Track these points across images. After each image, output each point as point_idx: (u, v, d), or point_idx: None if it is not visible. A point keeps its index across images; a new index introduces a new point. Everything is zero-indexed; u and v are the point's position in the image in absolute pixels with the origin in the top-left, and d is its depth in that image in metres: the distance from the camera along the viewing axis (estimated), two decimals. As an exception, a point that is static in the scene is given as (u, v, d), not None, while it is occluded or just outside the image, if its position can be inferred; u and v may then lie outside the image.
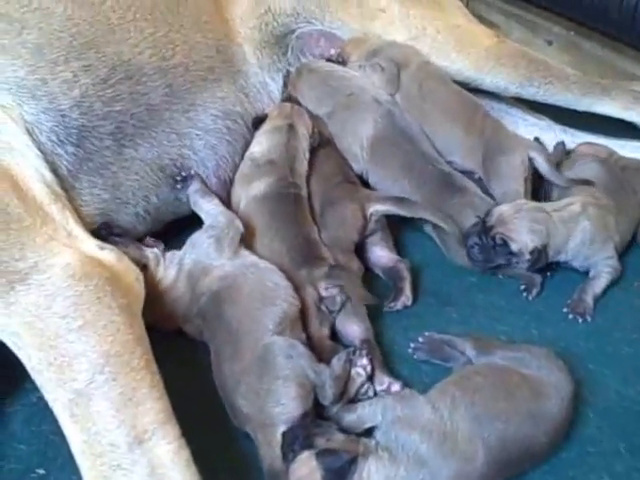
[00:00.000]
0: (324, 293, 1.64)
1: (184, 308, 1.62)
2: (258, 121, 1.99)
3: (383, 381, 1.52)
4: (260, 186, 1.84)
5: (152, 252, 1.68)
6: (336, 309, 1.62)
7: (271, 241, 1.73)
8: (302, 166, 1.92)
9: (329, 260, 1.71)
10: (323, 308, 1.62)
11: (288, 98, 2.09)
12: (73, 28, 1.65)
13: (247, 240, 1.74)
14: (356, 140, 2.02)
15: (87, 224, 1.62)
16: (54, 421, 1.28)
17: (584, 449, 1.47)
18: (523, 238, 1.79)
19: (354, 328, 1.61)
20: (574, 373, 1.52)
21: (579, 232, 1.85)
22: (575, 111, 2.28)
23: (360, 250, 1.87)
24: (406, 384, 1.53)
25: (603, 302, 1.84)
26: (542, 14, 2.99)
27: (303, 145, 1.95)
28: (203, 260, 1.63)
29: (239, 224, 1.69)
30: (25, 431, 1.46)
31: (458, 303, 1.81)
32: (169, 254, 1.68)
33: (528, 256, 1.79)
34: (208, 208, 1.75)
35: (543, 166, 2.03)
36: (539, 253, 1.79)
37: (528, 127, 2.33)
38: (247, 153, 1.95)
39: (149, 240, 1.74)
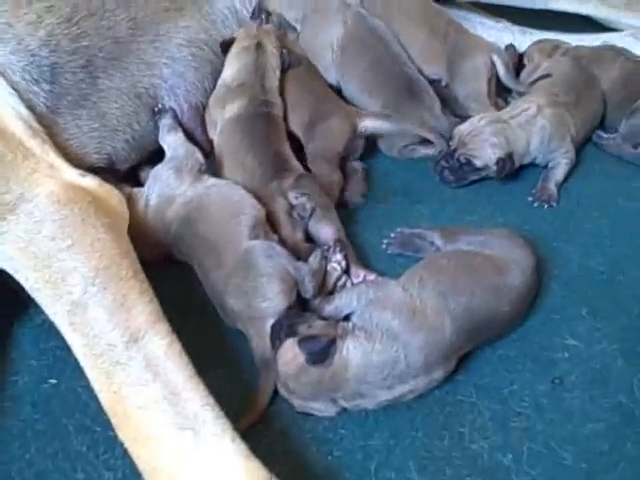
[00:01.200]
0: (294, 202, 1.71)
1: (161, 238, 1.69)
2: (226, 45, 2.01)
3: (358, 274, 1.61)
4: (233, 108, 1.90)
5: (128, 188, 1.75)
6: (307, 215, 1.69)
7: (244, 157, 1.80)
8: (273, 83, 1.97)
9: (298, 171, 1.78)
10: (295, 216, 1.70)
11: (257, 11, 2.11)
12: None
13: (223, 161, 1.83)
14: (326, 43, 2.10)
15: (83, 155, 1.71)
16: (60, 338, 1.36)
17: (549, 316, 1.57)
18: (485, 153, 1.88)
19: (326, 230, 1.69)
20: (539, 252, 1.63)
21: (537, 132, 1.94)
22: (533, 10, 2.33)
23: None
24: (381, 276, 1.62)
25: (564, 188, 1.93)
26: None
27: (272, 62, 1.99)
28: (166, 191, 1.70)
29: (199, 155, 1.78)
30: (34, 349, 1.56)
31: (427, 200, 1.90)
32: (135, 190, 1.74)
33: (494, 167, 1.88)
34: (170, 141, 1.83)
35: (501, 71, 2.12)
36: (504, 162, 1.88)
37: (486, 30, 2.37)
38: (220, 79, 1.99)
39: None
